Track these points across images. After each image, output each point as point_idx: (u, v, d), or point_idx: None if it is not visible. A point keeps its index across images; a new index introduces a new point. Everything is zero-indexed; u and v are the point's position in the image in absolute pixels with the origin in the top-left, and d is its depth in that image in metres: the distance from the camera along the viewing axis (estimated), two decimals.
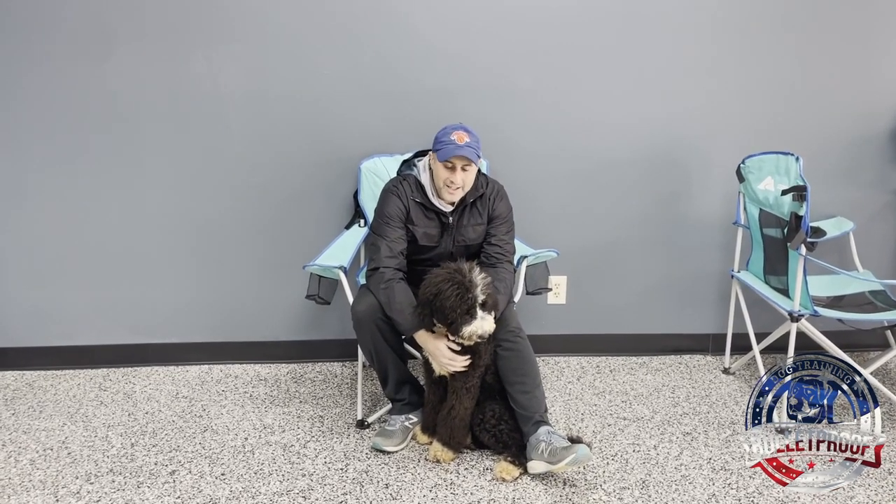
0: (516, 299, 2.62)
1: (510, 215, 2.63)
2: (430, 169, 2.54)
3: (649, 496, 2.24)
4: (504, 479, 2.31)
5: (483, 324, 2.23)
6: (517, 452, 2.36)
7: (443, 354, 2.32)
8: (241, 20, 2.87)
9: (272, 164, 3.02)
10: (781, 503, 2.20)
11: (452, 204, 2.54)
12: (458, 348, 2.32)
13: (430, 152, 2.51)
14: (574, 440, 2.30)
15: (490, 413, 2.41)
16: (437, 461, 2.41)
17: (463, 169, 2.44)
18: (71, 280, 3.07)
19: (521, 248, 2.85)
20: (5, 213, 2.99)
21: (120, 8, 2.82)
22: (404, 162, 2.66)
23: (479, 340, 2.26)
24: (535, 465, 2.28)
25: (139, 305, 3.12)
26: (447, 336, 2.33)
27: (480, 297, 2.23)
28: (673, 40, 3.03)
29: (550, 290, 2.86)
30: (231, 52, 2.90)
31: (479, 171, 2.62)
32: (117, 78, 2.88)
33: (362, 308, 2.43)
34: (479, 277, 2.23)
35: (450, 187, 2.46)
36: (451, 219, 2.55)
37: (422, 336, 2.37)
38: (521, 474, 2.33)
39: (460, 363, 2.32)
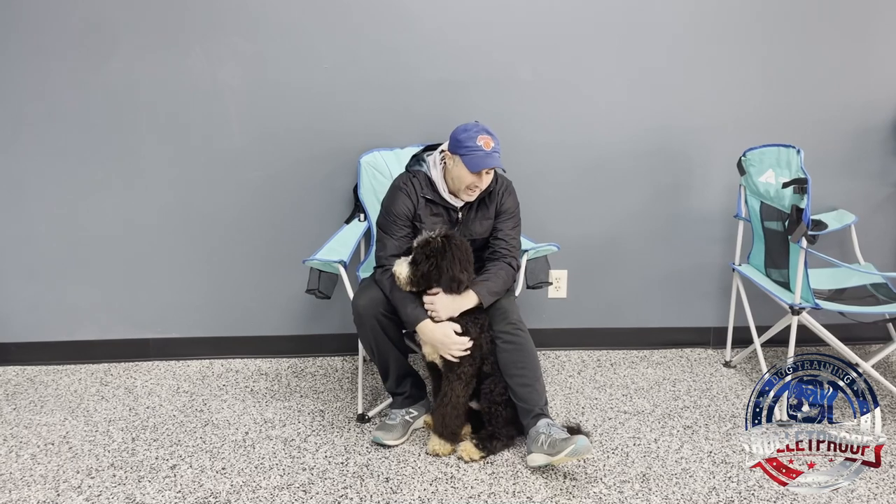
0: (517, 293, 2.62)
1: (517, 211, 2.62)
2: (443, 165, 2.50)
3: (650, 489, 2.24)
4: (469, 460, 2.36)
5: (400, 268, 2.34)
6: (489, 438, 2.39)
7: (449, 337, 2.33)
8: (239, 13, 2.86)
9: (271, 158, 3.01)
10: (782, 496, 2.20)
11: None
12: (461, 330, 2.35)
13: (446, 151, 2.46)
14: (573, 429, 2.31)
15: (501, 389, 2.41)
16: (436, 455, 2.42)
17: (487, 173, 2.44)
18: (72, 275, 3.07)
19: (521, 242, 2.84)
20: (6, 209, 2.99)
21: (117, 3, 2.81)
22: (413, 157, 2.61)
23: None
24: (535, 458, 2.28)
25: (140, 300, 3.13)
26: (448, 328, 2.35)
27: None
28: (675, 32, 3.01)
29: (551, 283, 2.86)
30: (229, 46, 2.89)
31: None
32: (115, 73, 2.88)
33: (363, 302, 2.43)
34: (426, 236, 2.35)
35: (473, 191, 2.46)
36: (460, 214, 2.54)
37: (426, 326, 2.37)
38: (480, 458, 2.37)
39: (466, 345, 2.33)
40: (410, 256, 2.34)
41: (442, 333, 2.34)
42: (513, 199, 2.61)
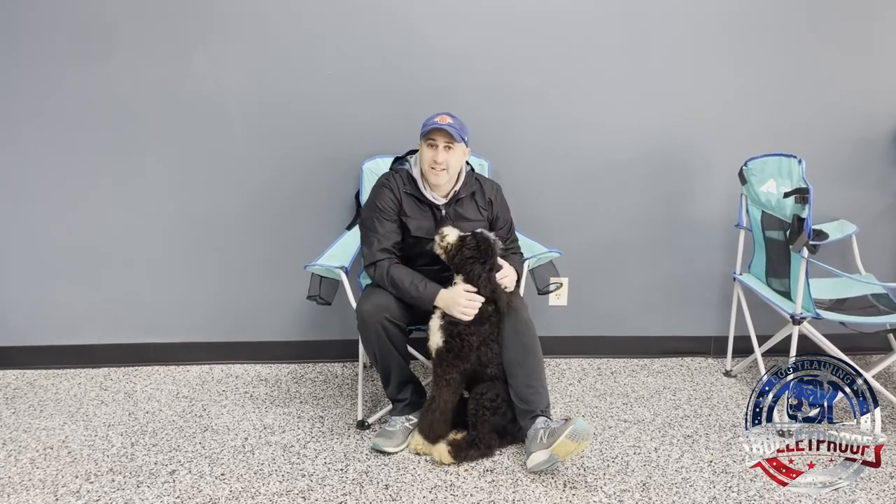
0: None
1: (510, 215, 2.71)
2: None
3: (650, 499, 2.23)
4: (439, 463, 2.37)
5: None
6: (467, 446, 2.39)
7: (461, 296, 2.36)
8: (242, 19, 2.88)
9: (273, 163, 3.02)
10: None
11: (445, 197, 2.54)
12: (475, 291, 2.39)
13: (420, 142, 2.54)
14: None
15: (493, 395, 2.42)
16: (418, 454, 2.45)
17: (445, 148, 2.46)
18: (72, 279, 3.07)
19: (526, 247, 2.84)
20: (7, 212, 2.99)
21: (121, 6, 2.83)
22: (397, 158, 2.68)
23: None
24: (536, 457, 2.28)
25: (140, 304, 3.13)
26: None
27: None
28: (677, 42, 3.03)
29: (560, 285, 2.86)
30: (233, 51, 2.90)
31: (472, 169, 2.65)
32: (118, 76, 2.88)
33: (368, 308, 2.43)
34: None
35: (434, 168, 2.47)
36: (444, 211, 2.55)
37: (443, 294, 2.40)
38: (450, 464, 2.37)
39: (477, 304, 2.36)
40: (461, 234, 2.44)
41: (455, 293, 2.38)
42: (505, 205, 2.70)
